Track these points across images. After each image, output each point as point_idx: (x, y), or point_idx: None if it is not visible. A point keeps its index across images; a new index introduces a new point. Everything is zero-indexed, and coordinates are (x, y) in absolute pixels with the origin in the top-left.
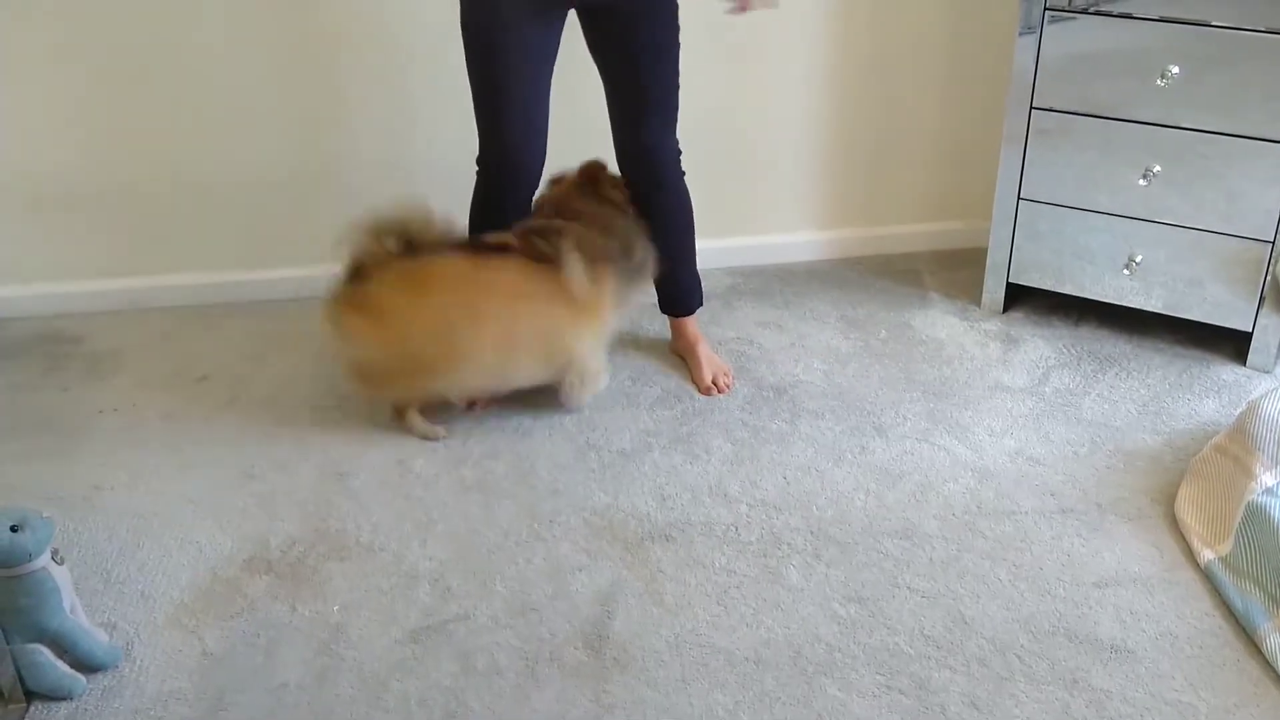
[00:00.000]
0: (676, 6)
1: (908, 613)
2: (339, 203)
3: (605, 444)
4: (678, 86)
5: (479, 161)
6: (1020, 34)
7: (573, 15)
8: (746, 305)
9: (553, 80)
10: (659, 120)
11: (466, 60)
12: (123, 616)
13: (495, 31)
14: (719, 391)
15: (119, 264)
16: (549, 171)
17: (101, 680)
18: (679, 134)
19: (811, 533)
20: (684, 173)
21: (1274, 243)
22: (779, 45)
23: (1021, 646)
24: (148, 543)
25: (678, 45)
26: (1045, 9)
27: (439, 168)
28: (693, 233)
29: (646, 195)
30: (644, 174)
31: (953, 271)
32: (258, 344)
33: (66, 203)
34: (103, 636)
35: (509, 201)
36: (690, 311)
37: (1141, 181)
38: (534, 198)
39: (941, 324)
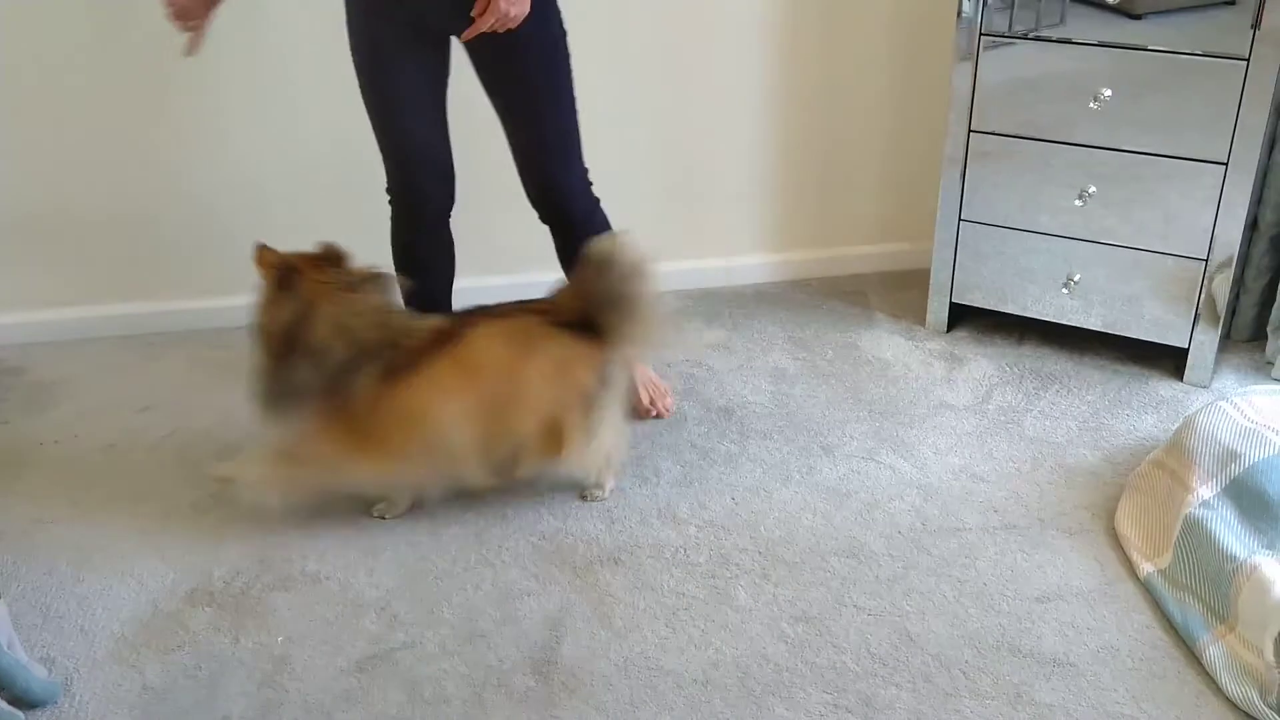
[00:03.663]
0: (559, 37)
1: (854, 631)
2: (284, 231)
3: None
4: (575, 122)
5: (387, 191)
6: (958, 60)
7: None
8: (695, 328)
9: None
10: (555, 159)
11: (359, 88)
12: (61, 651)
13: (378, 59)
14: (657, 415)
15: (59, 294)
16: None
17: (40, 716)
18: (623, 160)
19: (760, 553)
20: (599, 200)
21: (1208, 261)
22: (726, 70)
23: (966, 662)
24: (88, 576)
25: (568, 78)
26: (980, 34)
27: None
28: None
29: (562, 233)
30: (551, 213)
31: (898, 292)
32: (200, 373)
33: (3, 233)
34: (41, 672)
35: (423, 230)
36: None
37: (1078, 202)
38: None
39: (887, 344)
